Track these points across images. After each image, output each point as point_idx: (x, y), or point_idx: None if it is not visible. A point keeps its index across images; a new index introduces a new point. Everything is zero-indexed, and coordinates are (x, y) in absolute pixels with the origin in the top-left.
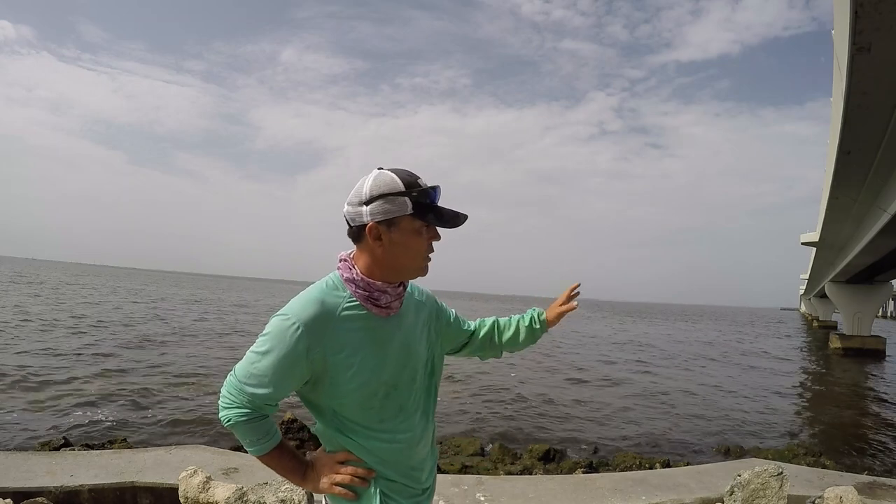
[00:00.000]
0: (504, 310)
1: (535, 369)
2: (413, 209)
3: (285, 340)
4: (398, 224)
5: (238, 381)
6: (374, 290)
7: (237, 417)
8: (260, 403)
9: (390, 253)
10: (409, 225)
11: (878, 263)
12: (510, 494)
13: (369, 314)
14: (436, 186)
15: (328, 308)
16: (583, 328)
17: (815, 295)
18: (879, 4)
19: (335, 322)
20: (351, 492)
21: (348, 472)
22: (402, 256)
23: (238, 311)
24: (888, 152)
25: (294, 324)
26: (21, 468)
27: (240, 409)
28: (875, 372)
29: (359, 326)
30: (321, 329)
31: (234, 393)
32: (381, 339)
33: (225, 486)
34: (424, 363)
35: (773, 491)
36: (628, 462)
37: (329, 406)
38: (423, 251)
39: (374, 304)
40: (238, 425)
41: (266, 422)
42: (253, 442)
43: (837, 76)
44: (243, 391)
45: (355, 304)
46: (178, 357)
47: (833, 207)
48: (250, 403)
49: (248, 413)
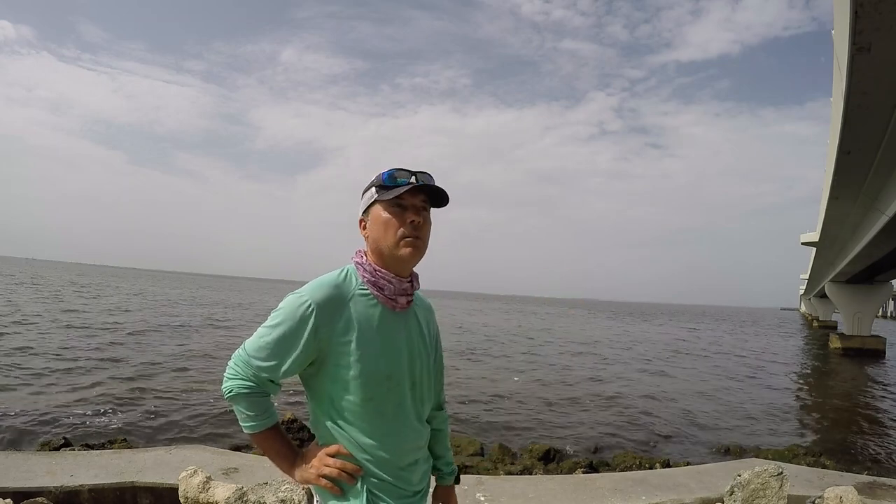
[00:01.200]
0: (504, 310)
1: (536, 369)
2: (376, 193)
3: (296, 316)
4: (370, 211)
5: (246, 354)
6: (378, 276)
7: (239, 388)
8: (264, 378)
9: (372, 239)
10: (377, 210)
11: (878, 263)
12: (510, 494)
13: (379, 305)
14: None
15: (341, 292)
16: (583, 328)
17: (815, 295)
18: (879, 4)
19: (346, 306)
20: (337, 486)
21: (336, 465)
22: (379, 239)
23: (241, 311)
24: (888, 152)
25: (306, 301)
26: (21, 468)
27: (243, 381)
28: (875, 372)
29: (368, 315)
30: (332, 310)
31: (241, 365)
32: (388, 331)
33: (225, 486)
34: (426, 369)
35: (773, 491)
36: (628, 462)
37: (329, 393)
38: (391, 229)
39: (380, 292)
40: (239, 397)
41: (266, 399)
42: (250, 417)
43: (837, 76)
44: (250, 364)
45: (367, 293)
46: (178, 356)
47: (833, 207)
48: (255, 377)
49: (252, 386)
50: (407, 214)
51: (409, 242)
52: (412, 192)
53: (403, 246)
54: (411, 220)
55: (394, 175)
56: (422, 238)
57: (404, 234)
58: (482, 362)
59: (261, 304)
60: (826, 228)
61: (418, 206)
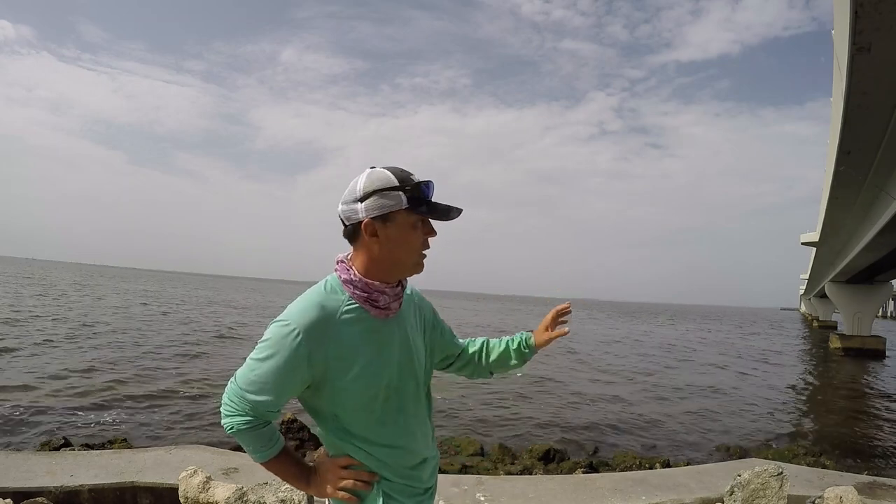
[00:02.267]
0: (504, 310)
1: (536, 370)
2: (408, 203)
3: (285, 347)
4: (393, 219)
5: (239, 389)
6: (372, 291)
7: (240, 425)
8: (262, 410)
9: (386, 248)
10: (405, 219)
11: (878, 263)
12: (510, 494)
13: (369, 316)
14: (429, 181)
15: (328, 312)
16: (583, 328)
17: (815, 295)
18: (879, 4)
19: (335, 326)
20: (355, 496)
21: (351, 476)
22: (398, 251)
23: (241, 311)
24: (888, 152)
25: (294, 329)
26: (21, 468)
27: (242, 417)
28: (875, 372)
29: (359, 329)
30: (321, 334)
31: (236, 400)
32: (382, 341)
33: (225, 486)
34: (423, 365)
35: (773, 491)
36: (628, 462)
37: (330, 411)
38: (418, 246)
39: (373, 306)
40: (241, 433)
41: (269, 428)
42: (256, 449)
43: (837, 76)
44: (244, 398)
45: (355, 306)
46: (178, 356)
47: (833, 207)
48: (252, 411)
49: (251, 420)
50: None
51: (422, 263)
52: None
53: (420, 263)
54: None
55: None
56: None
57: (422, 254)
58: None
59: (258, 304)
60: (826, 228)
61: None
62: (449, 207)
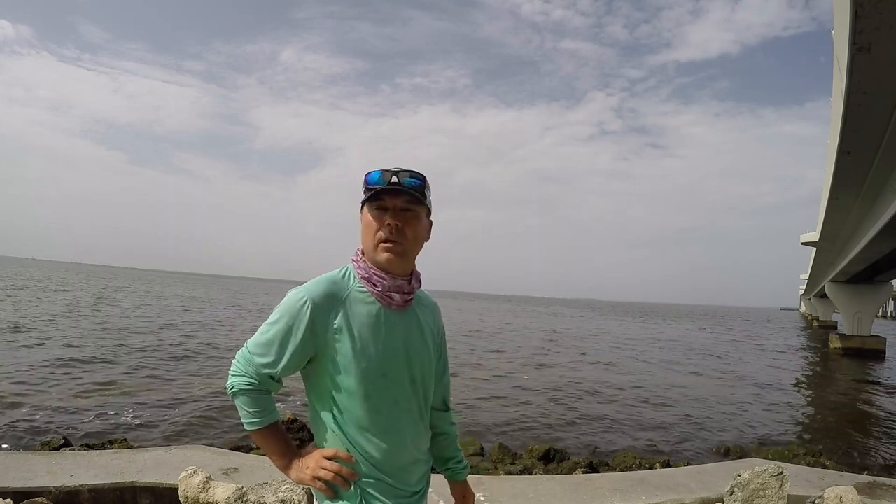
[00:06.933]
0: (504, 310)
1: (536, 370)
2: (364, 193)
3: (294, 312)
4: (364, 208)
5: (247, 351)
6: (372, 273)
7: (241, 385)
8: (265, 375)
9: (362, 235)
10: (367, 207)
11: (878, 263)
12: (510, 494)
13: (377, 303)
14: (376, 170)
15: (338, 287)
16: (584, 328)
17: (815, 295)
18: (879, 4)
19: (343, 303)
20: (330, 489)
21: (332, 468)
22: (363, 237)
23: (241, 311)
24: (888, 152)
25: (304, 298)
26: (21, 468)
27: (245, 378)
28: (875, 372)
29: (365, 312)
30: (329, 306)
31: (243, 362)
32: (385, 329)
33: (225, 486)
34: (427, 368)
35: (773, 491)
36: (628, 462)
37: (327, 389)
38: (370, 232)
39: (374, 288)
40: (241, 394)
41: (268, 397)
42: (251, 414)
43: (837, 76)
44: (251, 361)
45: (364, 291)
46: (178, 356)
47: (833, 207)
48: (256, 374)
49: (253, 384)
50: (386, 217)
51: (386, 248)
52: (393, 194)
53: (381, 251)
54: (388, 223)
55: (378, 175)
56: (401, 242)
57: (381, 237)
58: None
59: (256, 304)
60: (826, 228)
61: (399, 208)
62: (379, 190)
